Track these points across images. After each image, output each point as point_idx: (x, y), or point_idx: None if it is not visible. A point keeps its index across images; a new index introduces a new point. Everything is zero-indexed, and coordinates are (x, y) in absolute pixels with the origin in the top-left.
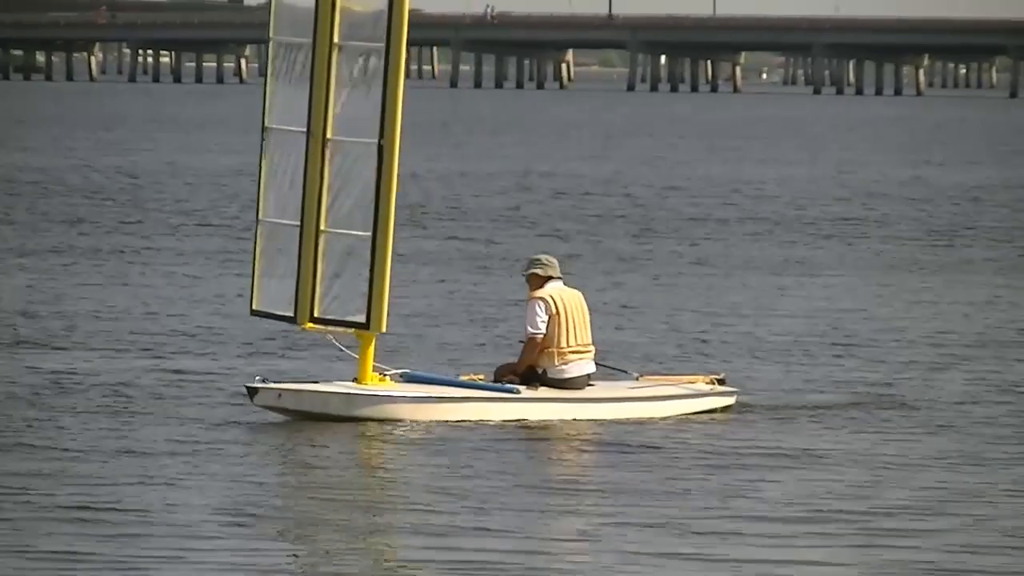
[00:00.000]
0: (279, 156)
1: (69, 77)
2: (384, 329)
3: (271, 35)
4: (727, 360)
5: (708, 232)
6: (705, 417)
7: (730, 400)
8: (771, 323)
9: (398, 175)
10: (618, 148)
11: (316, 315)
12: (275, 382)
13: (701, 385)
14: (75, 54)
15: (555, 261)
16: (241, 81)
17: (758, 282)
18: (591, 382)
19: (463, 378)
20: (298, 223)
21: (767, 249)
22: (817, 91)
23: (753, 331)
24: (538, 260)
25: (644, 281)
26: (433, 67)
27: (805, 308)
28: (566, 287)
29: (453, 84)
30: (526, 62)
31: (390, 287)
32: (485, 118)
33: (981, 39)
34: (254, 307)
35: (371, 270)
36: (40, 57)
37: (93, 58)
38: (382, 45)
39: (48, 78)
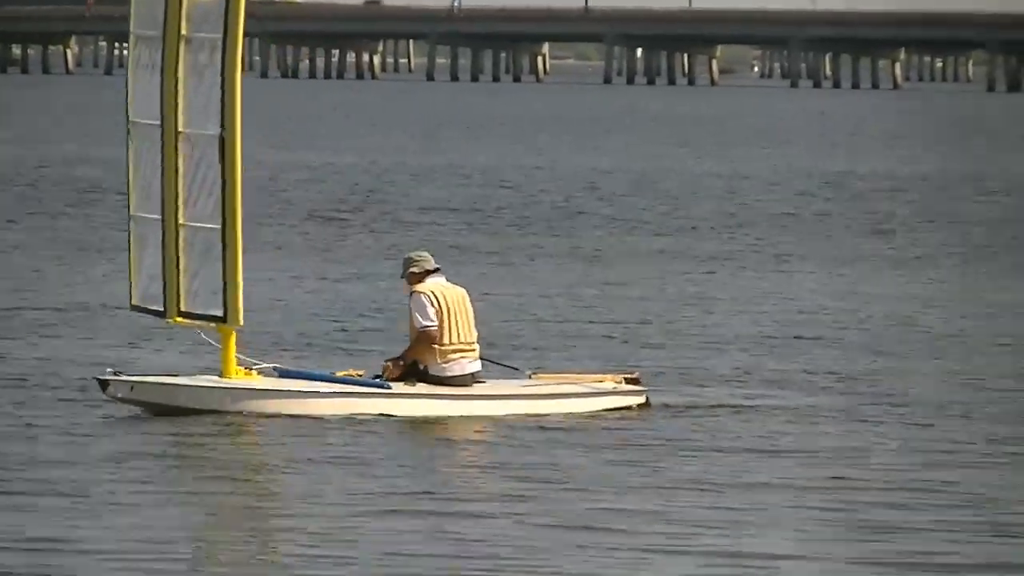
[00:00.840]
0: (142, 150)
1: (45, 70)
2: (241, 323)
3: (131, 29)
4: (672, 353)
5: (661, 227)
6: (613, 414)
7: (638, 399)
8: (715, 318)
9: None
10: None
11: (183, 309)
12: (128, 374)
13: (605, 384)
14: (51, 47)
15: (428, 255)
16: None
17: (717, 276)
18: (479, 379)
19: (340, 374)
20: (159, 217)
21: (726, 243)
22: (794, 84)
23: (700, 325)
24: (410, 259)
25: (601, 277)
26: (409, 61)
27: (757, 302)
28: (448, 283)
29: (430, 77)
30: (502, 55)
31: (250, 280)
32: (461, 112)
33: (958, 33)
34: (132, 302)
35: (223, 263)
36: (16, 50)
37: (69, 51)
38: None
39: (24, 71)
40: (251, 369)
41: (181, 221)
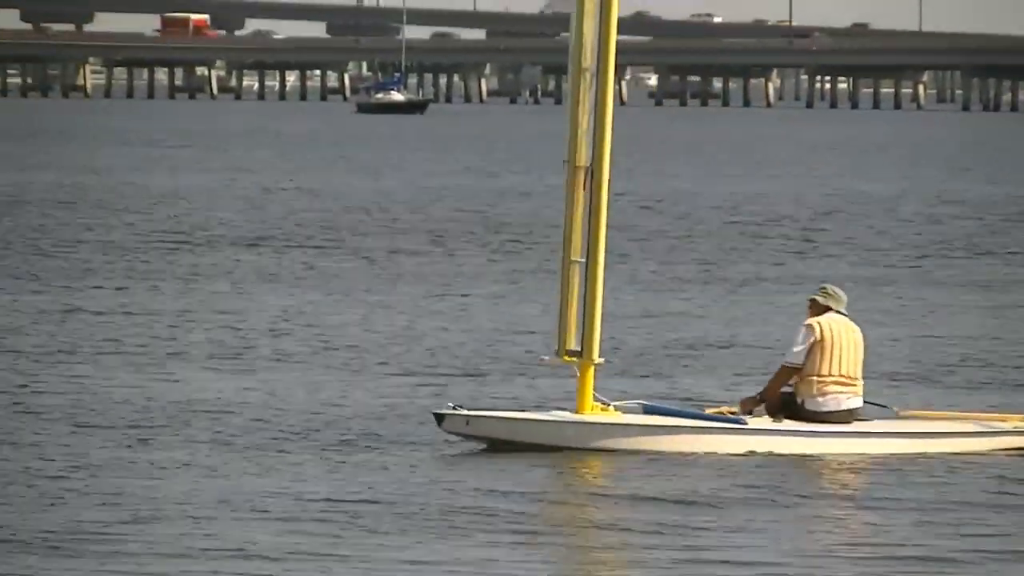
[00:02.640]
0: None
1: (746, 103)
2: (595, 359)
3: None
4: None
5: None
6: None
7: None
8: None
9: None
10: None
11: (568, 347)
12: (467, 409)
13: (1004, 423)
14: (752, 80)
15: (842, 295)
16: (919, 107)
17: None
18: (862, 417)
19: (710, 411)
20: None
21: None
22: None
23: None
24: (824, 288)
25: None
26: None
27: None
28: (843, 319)
29: None
30: None
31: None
32: None
33: None
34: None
35: (584, 297)
36: (717, 83)
37: (771, 84)
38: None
39: (725, 104)
40: (608, 405)
41: (573, 257)
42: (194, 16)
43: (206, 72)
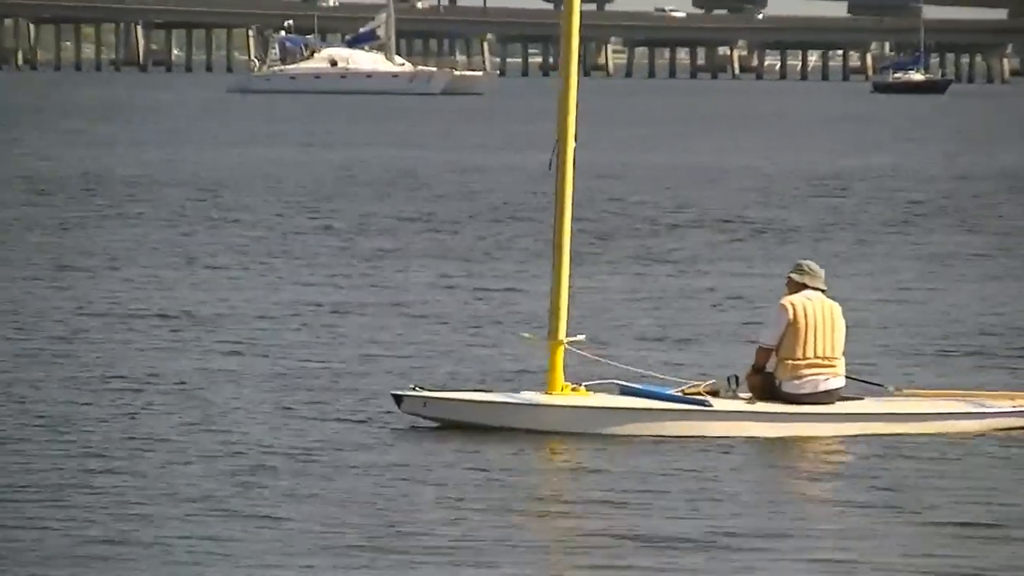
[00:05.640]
0: None
1: None
2: (561, 338)
3: None
4: None
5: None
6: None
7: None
8: None
9: None
10: None
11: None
12: (426, 389)
13: (993, 401)
14: None
15: (819, 272)
16: None
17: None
18: (846, 397)
19: (688, 390)
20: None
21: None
22: None
23: None
24: (800, 265)
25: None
26: None
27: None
28: (819, 296)
29: None
30: None
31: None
32: None
33: None
34: None
35: (552, 276)
36: None
37: None
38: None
39: None
40: (580, 385)
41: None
42: None
43: (728, 52)
